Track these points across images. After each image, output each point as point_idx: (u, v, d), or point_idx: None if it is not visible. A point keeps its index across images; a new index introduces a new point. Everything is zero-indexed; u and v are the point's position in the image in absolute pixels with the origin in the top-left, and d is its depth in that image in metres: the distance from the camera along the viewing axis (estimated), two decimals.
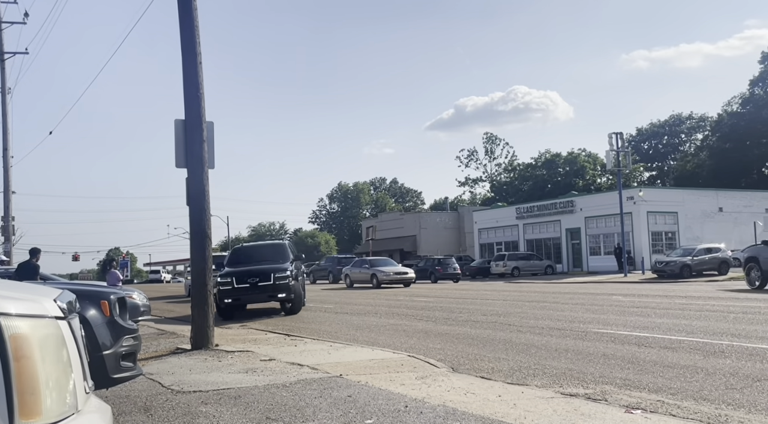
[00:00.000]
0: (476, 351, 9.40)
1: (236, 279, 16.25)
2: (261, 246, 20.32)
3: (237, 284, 16.22)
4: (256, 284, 16.30)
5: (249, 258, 18.06)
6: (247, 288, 16.26)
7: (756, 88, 71.25)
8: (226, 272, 16.67)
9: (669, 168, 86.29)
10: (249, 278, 16.34)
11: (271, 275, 16.40)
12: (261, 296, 16.49)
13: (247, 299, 16.60)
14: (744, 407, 5.60)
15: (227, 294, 16.07)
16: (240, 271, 16.62)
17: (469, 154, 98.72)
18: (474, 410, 5.52)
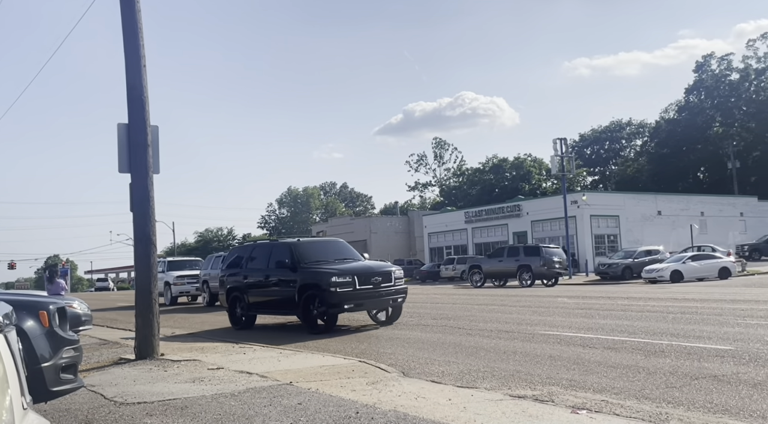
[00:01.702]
0: (426, 355, 9.45)
1: (359, 278, 12.84)
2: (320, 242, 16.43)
3: (360, 285, 12.81)
4: (379, 285, 13.14)
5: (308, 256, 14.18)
6: (370, 291, 12.99)
7: (691, 96, 74.26)
8: (343, 268, 13.21)
9: (611, 173, 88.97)
10: (373, 277, 13.11)
11: (392, 274, 13.45)
12: (381, 301, 13.37)
13: (369, 304, 13.31)
14: (683, 405, 5.80)
15: (347, 297, 12.65)
16: (362, 268, 13.39)
17: (419, 159, 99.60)
18: (425, 415, 5.54)
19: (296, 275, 13.41)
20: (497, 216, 52.65)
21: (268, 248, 15.03)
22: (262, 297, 14.54)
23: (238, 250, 16.98)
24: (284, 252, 14.08)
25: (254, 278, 14.71)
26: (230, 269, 15.78)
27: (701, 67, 73.49)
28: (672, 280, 29.25)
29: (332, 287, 12.58)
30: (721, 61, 72.82)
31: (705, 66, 73.28)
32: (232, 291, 15.33)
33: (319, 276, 13.02)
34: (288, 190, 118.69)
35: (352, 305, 12.80)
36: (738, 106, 71.46)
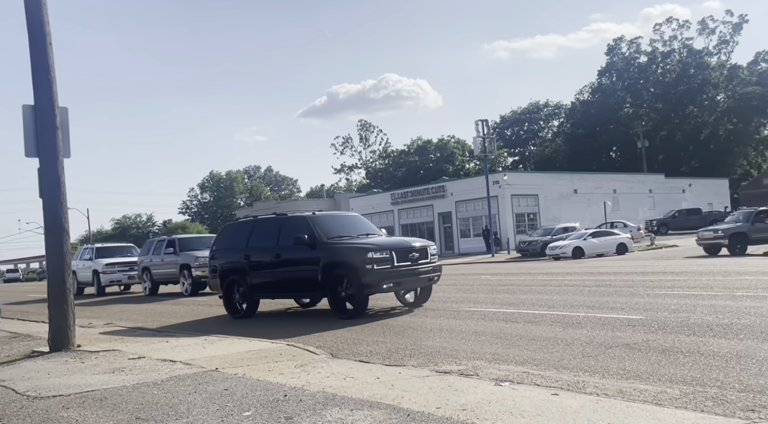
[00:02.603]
0: (354, 336, 9.49)
1: (397, 254, 11.39)
2: (338, 216, 14.21)
3: (398, 262, 11.35)
4: (417, 261, 11.73)
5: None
6: (409, 268, 11.55)
7: (603, 78, 77.39)
8: (379, 243, 11.58)
9: (530, 153, 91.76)
10: (411, 253, 11.67)
11: (428, 250, 12.09)
12: (419, 279, 11.91)
13: (408, 282, 11.77)
14: (599, 373, 6.09)
15: (385, 276, 11.11)
16: (399, 243, 11.92)
17: (344, 141, 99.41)
18: (353, 394, 5.57)
19: (318, 252, 11.71)
20: (422, 197, 53.32)
21: (276, 224, 13.01)
22: (271, 279, 12.70)
23: (234, 227, 14.63)
24: (301, 227, 12.22)
25: (260, 258, 12.86)
26: (225, 249, 13.88)
27: (612, 50, 76.60)
28: (574, 256, 30.66)
29: (368, 264, 11.02)
30: (631, 45, 76.15)
31: (616, 49, 76.43)
32: (228, 274, 13.38)
33: (351, 252, 11.40)
34: (210, 175, 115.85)
35: (391, 284, 11.28)
36: (646, 87, 75.07)
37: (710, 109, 72.29)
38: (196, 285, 20.73)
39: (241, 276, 13.06)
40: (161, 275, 22.59)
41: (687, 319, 8.93)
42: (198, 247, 21.97)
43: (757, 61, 71.88)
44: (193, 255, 20.94)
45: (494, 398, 5.25)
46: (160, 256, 22.67)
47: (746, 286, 13.01)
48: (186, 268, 21.03)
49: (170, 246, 22.44)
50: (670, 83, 72.27)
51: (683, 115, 72.23)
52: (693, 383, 5.46)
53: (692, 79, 71.14)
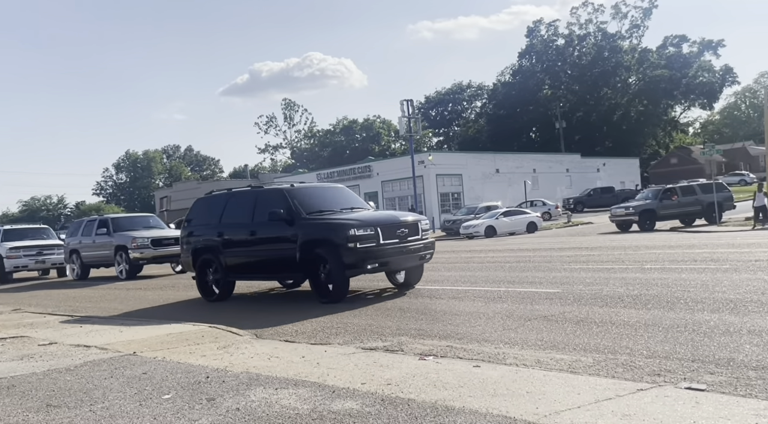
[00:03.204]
0: (279, 317, 9.39)
1: (383, 231, 10.18)
2: (319, 188, 13.04)
3: (384, 239, 10.14)
4: (406, 238, 10.52)
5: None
6: (397, 246, 10.32)
7: (523, 60, 79.29)
8: (362, 218, 10.43)
9: (454, 133, 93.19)
10: (399, 229, 10.47)
11: (418, 226, 10.90)
12: (409, 258, 10.65)
13: (396, 262, 10.54)
14: (518, 345, 6.28)
15: (370, 255, 9.97)
16: (385, 218, 10.78)
17: (268, 120, 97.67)
18: (278, 373, 5.51)
19: (296, 228, 10.53)
20: (348, 177, 53.24)
21: (251, 197, 11.75)
22: (246, 258, 11.57)
23: (206, 201, 13.00)
24: (277, 200, 11.05)
25: (233, 235, 11.67)
26: (196, 226, 12.56)
27: (532, 32, 78.48)
28: (486, 235, 31.63)
29: (351, 241, 9.82)
30: (549, 27, 78.29)
31: (535, 32, 78.37)
32: (200, 253, 12.15)
33: (331, 229, 10.23)
34: (126, 154, 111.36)
35: (376, 264, 10.12)
36: (564, 70, 77.48)
37: (623, 91, 75.49)
38: (134, 268, 19.63)
39: (215, 255, 11.88)
40: (93, 257, 21.20)
41: (600, 291, 9.35)
42: (133, 227, 20.80)
43: (666, 46, 75.47)
44: (130, 235, 19.78)
45: (418, 372, 5.33)
46: (90, 237, 21.29)
47: (654, 259, 13.74)
48: (122, 250, 19.77)
49: (103, 226, 20.90)
50: (586, 66, 74.88)
51: (598, 96, 75.09)
52: (605, 351, 5.72)
53: (606, 62, 73.95)
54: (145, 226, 21.23)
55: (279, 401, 4.63)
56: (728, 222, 25.48)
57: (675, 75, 71.00)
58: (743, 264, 11.51)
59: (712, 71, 72.91)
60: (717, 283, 9.22)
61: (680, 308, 7.47)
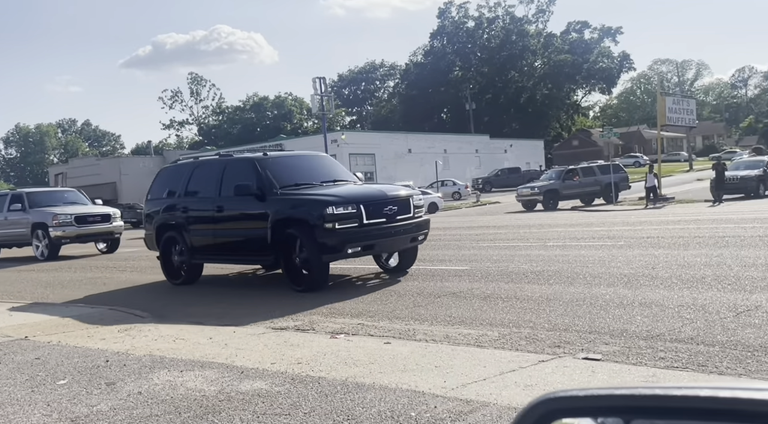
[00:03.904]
0: (187, 298, 9.13)
1: (367, 209, 8.74)
2: (296, 157, 11.06)
3: (368, 219, 8.72)
4: (395, 217, 9.04)
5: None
6: (383, 226, 8.88)
7: (435, 41, 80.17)
8: (341, 194, 9.00)
9: (367, 113, 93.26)
10: (387, 207, 9.01)
11: (410, 202, 9.41)
12: (398, 240, 9.24)
13: (382, 245, 9.22)
14: (428, 321, 6.40)
15: (351, 237, 8.59)
16: (369, 193, 9.28)
17: (173, 95, 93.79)
18: (183, 356, 5.35)
19: (267, 205, 9.07)
20: None
21: (219, 167, 10.30)
22: (212, 239, 10.14)
23: (171, 171, 11.64)
24: (246, 172, 9.64)
25: (198, 211, 10.28)
26: (160, 199, 11.06)
27: (443, 13, 79.36)
28: None
29: (328, 221, 8.41)
30: (460, 9, 79.40)
31: (446, 13, 79.28)
32: (164, 230, 10.74)
33: (306, 206, 8.84)
34: (16, 128, 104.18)
35: (358, 248, 8.74)
36: (474, 52, 79.03)
37: (529, 74, 77.96)
38: (54, 247, 17.73)
39: (179, 233, 10.42)
40: (5, 236, 18.97)
41: (506, 268, 9.67)
42: (53, 203, 18.77)
43: (569, 31, 78.43)
44: (50, 212, 17.80)
45: (329, 350, 5.32)
46: (2, 213, 19.37)
47: (556, 237, 14.37)
48: (41, 227, 17.80)
49: (16, 202, 18.66)
50: (495, 49, 76.70)
51: (506, 79, 77.19)
52: (510, 325, 5.93)
53: (514, 46, 76.03)
54: (66, 201, 19.18)
55: (184, 384, 4.49)
56: (624, 201, 27.04)
57: (577, 60, 74.05)
58: (636, 241, 12.23)
59: (611, 57, 76.58)
60: (612, 259, 9.75)
61: (579, 282, 7.84)
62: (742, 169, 25.76)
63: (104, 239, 18.52)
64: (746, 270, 7.63)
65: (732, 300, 6.12)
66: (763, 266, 7.79)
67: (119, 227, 18.70)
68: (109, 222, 18.26)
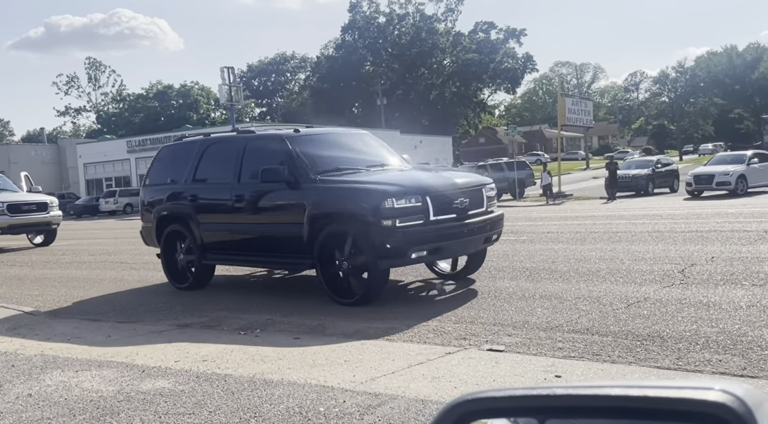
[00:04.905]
0: (83, 293, 8.66)
1: (434, 202, 6.78)
2: (333, 134, 9.19)
3: (436, 214, 6.78)
4: (466, 212, 7.11)
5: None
6: (453, 224, 6.96)
7: (347, 35, 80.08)
8: (403, 185, 6.94)
9: (277, 105, 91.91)
10: (457, 200, 7.04)
11: (482, 193, 7.47)
12: (471, 241, 7.31)
13: (453, 248, 7.32)
14: (338, 315, 6.38)
15: (416, 238, 6.67)
16: (436, 182, 7.25)
17: (69, 80, 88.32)
18: (79, 355, 5.08)
19: (302, 195, 7.19)
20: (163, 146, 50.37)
21: (237, 147, 8.27)
22: (228, 235, 8.18)
23: (175, 150, 9.55)
24: (273, 152, 7.71)
25: (211, 201, 8.38)
26: (161, 184, 9.04)
27: (354, 7, 79.37)
28: None
29: (386, 217, 6.53)
30: (371, 4, 79.65)
31: (358, 7, 79.34)
32: (167, 222, 8.75)
33: (356, 197, 6.96)
34: None
35: (423, 252, 6.77)
36: (385, 47, 79.63)
37: (438, 72, 79.45)
38: None
39: (186, 227, 8.42)
40: None
41: None
42: None
43: (476, 31, 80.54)
44: None
45: (236, 346, 5.21)
46: None
47: None
48: None
49: None
50: (405, 45, 77.59)
51: (416, 76, 78.29)
52: (419, 318, 6.02)
53: (424, 43, 77.21)
54: (6, 188, 17.23)
55: (80, 384, 4.27)
56: (528, 197, 28.16)
57: (484, 59, 76.19)
58: (537, 235, 12.76)
59: (516, 58, 79.30)
60: (516, 253, 10.12)
61: (484, 276, 8.08)
62: (633, 168, 27.53)
63: (40, 230, 16.79)
64: (636, 264, 8.13)
65: (624, 292, 6.51)
66: (652, 260, 8.34)
67: (57, 217, 16.80)
68: (46, 211, 16.39)
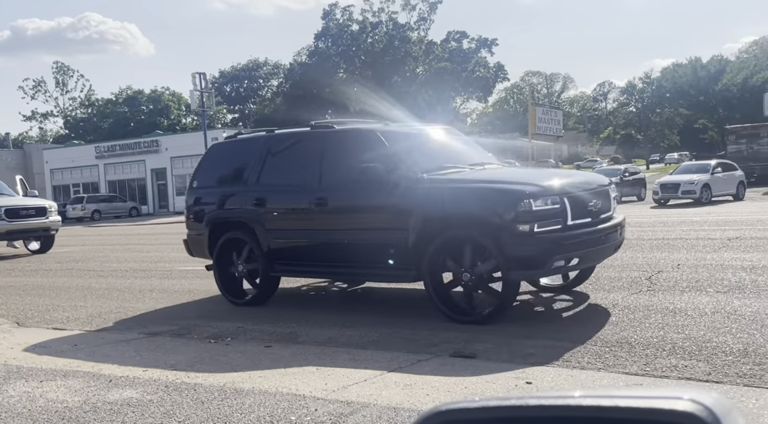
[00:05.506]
0: (48, 302, 8.47)
1: (571, 205, 5.79)
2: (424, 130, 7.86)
3: (574, 218, 5.80)
4: (599, 216, 6.21)
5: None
6: (590, 229, 5.98)
7: (320, 42, 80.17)
8: (539, 184, 5.90)
9: (250, 111, 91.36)
10: (591, 203, 6.05)
11: (609, 194, 6.55)
12: (606, 249, 6.36)
13: (590, 256, 6.18)
14: (310, 323, 6.34)
15: (557, 245, 5.65)
16: (570, 184, 6.14)
17: (36, 84, 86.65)
18: (44, 365, 4.96)
19: (406, 196, 6.22)
20: (133, 152, 49.60)
21: (315, 144, 7.33)
22: (306, 242, 7.18)
23: (230, 149, 8.43)
24: (366, 149, 6.74)
25: (285, 205, 7.39)
26: (214, 187, 8.03)
27: (327, 15, 79.57)
28: None
29: (523, 221, 5.59)
30: (344, 12, 79.92)
31: (331, 15, 79.54)
32: (223, 230, 7.73)
33: (485, 198, 5.93)
34: None
35: (561, 262, 5.78)
36: (358, 55, 79.88)
37: (411, 80, 79.87)
38: None
39: (249, 234, 7.45)
40: None
41: None
42: None
43: (449, 40, 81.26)
44: None
45: (207, 355, 5.15)
46: None
47: None
48: None
49: None
50: (379, 53, 77.91)
51: (390, 84, 78.56)
52: (391, 326, 6.01)
53: (397, 52, 77.65)
54: (2, 193, 16.41)
55: (44, 395, 4.17)
56: None
57: (456, 68, 76.87)
58: None
59: (487, 67, 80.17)
60: None
61: None
62: None
63: (38, 236, 16.16)
64: (605, 270, 8.21)
65: (592, 299, 6.59)
66: (620, 267, 8.45)
67: (56, 222, 16.17)
68: (45, 216, 15.77)
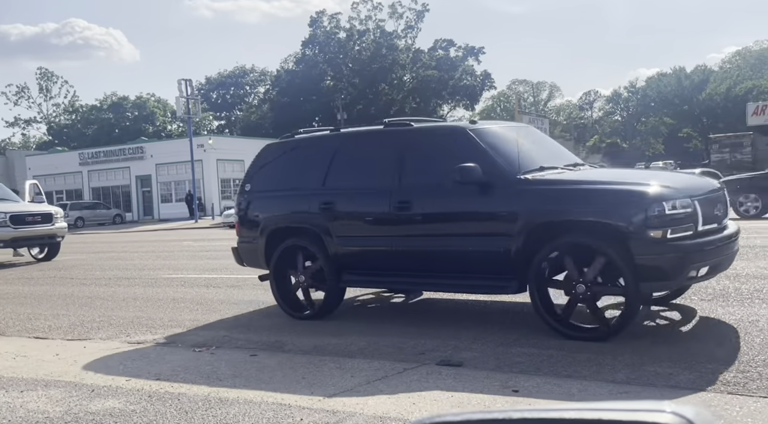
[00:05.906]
0: (29, 310, 8.36)
1: (701, 209, 5.17)
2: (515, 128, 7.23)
3: (704, 224, 5.20)
4: (722, 221, 5.63)
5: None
6: (717, 234, 5.43)
7: (307, 50, 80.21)
8: (671, 185, 5.33)
9: (236, 118, 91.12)
10: (716, 206, 5.50)
11: (726, 197, 5.94)
12: (732, 255, 5.72)
13: (723, 264, 5.58)
14: (296, 333, 6.30)
15: (691, 253, 5.03)
16: (695, 186, 5.58)
17: (19, 90, 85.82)
18: (25, 374, 4.89)
19: (508, 199, 5.69)
20: (118, 158, 49.28)
21: (394, 143, 6.61)
22: (386, 249, 6.42)
23: (287, 149, 7.75)
24: (454, 149, 6.07)
25: (359, 209, 6.70)
26: (272, 191, 7.30)
27: (315, 22, 79.67)
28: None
29: (655, 227, 4.99)
30: (332, 20, 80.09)
31: (318, 22, 79.65)
32: (282, 237, 7.02)
33: (608, 201, 5.30)
34: None
35: (694, 273, 5.14)
36: (345, 62, 79.98)
37: (398, 88, 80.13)
38: None
39: (314, 241, 6.75)
40: None
41: None
42: None
43: (436, 48, 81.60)
44: None
45: (191, 364, 5.10)
46: None
47: None
48: None
49: None
50: (366, 61, 78.07)
51: (376, 91, 78.77)
52: (378, 335, 5.99)
53: (384, 59, 77.82)
54: (5, 198, 15.88)
55: (25, 405, 4.10)
56: None
57: (443, 76, 77.20)
58: None
59: (474, 75, 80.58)
60: None
61: None
62: None
63: (44, 243, 15.72)
64: None
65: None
66: None
67: (62, 229, 15.79)
68: (51, 223, 15.33)
